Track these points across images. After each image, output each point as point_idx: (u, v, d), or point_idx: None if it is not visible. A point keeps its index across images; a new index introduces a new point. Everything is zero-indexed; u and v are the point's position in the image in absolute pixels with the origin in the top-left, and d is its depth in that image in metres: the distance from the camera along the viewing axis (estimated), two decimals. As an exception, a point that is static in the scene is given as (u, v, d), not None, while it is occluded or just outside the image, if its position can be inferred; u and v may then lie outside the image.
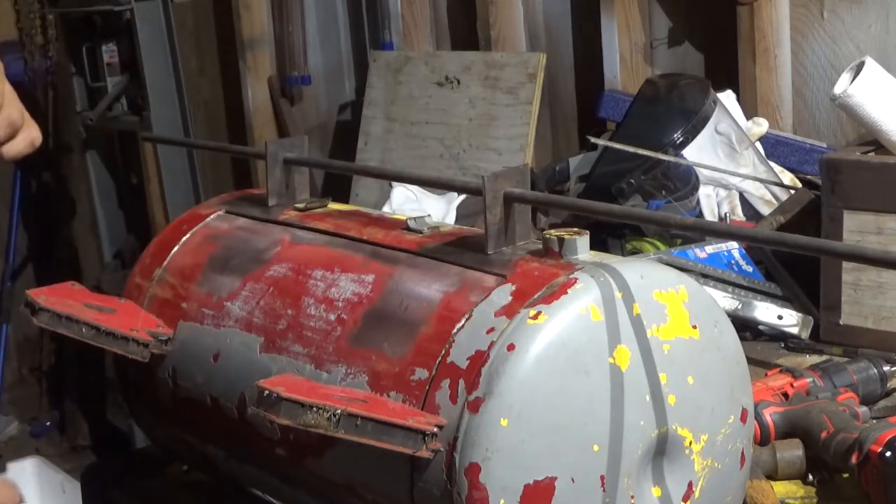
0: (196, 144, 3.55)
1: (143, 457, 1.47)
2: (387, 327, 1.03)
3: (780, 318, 1.57)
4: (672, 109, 1.98)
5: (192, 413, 1.20)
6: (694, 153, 1.98)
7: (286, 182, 1.33)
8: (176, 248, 1.30)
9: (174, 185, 3.50)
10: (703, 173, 1.99)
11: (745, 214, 2.02)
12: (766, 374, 1.40)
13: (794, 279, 1.68)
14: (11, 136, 1.11)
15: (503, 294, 0.98)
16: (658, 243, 1.85)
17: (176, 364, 1.20)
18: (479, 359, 0.93)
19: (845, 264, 1.57)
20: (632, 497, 0.97)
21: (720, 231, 1.54)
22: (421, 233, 1.14)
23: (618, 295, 0.96)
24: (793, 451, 1.24)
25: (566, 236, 1.02)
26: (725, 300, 1.59)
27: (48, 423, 3.97)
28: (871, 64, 1.55)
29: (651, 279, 0.99)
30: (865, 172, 1.55)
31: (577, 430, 0.93)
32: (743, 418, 1.05)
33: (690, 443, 1.00)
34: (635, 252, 1.82)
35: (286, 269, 1.16)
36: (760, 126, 2.17)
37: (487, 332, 0.95)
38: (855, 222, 1.55)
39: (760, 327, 1.60)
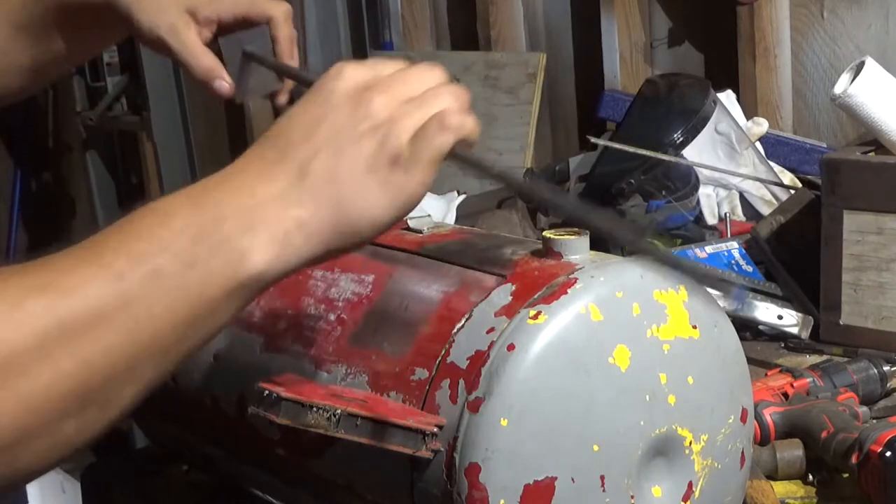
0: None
1: (143, 457, 1.47)
2: (387, 327, 1.03)
3: (780, 318, 1.57)
4: (672, 109, 1.98)
5: (192, 413, 1.20)
6: (694, 153, 1.98)
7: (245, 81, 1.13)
8: (176, 248, 1.30)
9: (174, 185, 3.50)
10: (703, 173, 1.99)
11: (745, 214, 2.02)
12: (766, 374, 1.40)
13: (794, 279, 1.68)
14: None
15: (503, 294, 0.98)
16: (658, 243, 1.85)
17: (176, 364, 1.20)
18: (479, 359, 0.93)
19: (845, 264, 1.57)
20: (632, 497, 0.97)
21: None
22: (421, 233, 1.14)
23: (618, 295, 0.96)
24: (793, 451, 1.24)
25: (566, 236, 1.02)
26: (725, 300, 1.59)
27: (48, 424, 3.96)
28: (871, 64, 1.55)
29: (651, 279, 0.99)
30: (865, 172, 1.55)
31: (577, 430, 0.93)
32: (743, 418, 1.05)
33: (690, 443, 1.00)
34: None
35: (286, 269, 1.16)
36: (760, 126, 2.17)
37: (487, 332, 0.95)
38: (855, 222, 1.55)
39: (760, 327, 1.60)
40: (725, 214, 1.96)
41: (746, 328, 1.58)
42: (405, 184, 0.73)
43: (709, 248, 1.75)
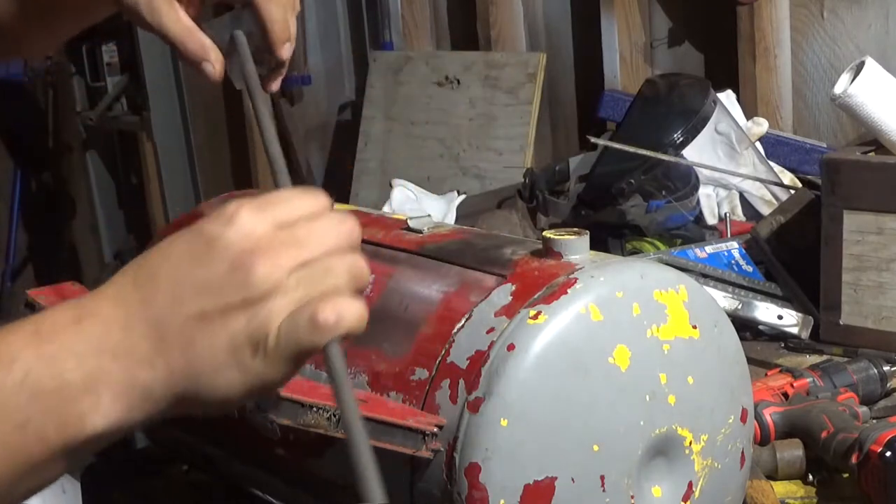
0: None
1: (143, 457, 1.47)
2: (387, 327, 1.03)
3: (780, 318, 1.57)
4: (672, 109, 1.98)
5: (192, 413, 1.20)
6: (694, 153, 1.98)
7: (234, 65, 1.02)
8: (176, 248, 1.30)
9: (174, 185, 3.50)
10: (703, 173, 1.99)
11: (745, 214, 2.02)
12: (766, 374, 1.40)
13: (794, 279, 1.68)
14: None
15: (503, 294, 0.98)
16: (658, 243, 1.85)
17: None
18: (479, 359, 0.93)
19: (845, 264, 1.57)
20: (632, 497, 0.97)
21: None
22: (421, 233, 1.14)
23: (618, 295, 0.96)
24: (793, 451, 1.24)
25: (566, 236, 1.02)
26: (725, 300, 1.59)
27: (48, 424, 3.95)
28: (871, 64, 1.55)
29: (651, 279, 0.99)
30: (865, 172, 1.55)
31: (577, 430, 0.93)
32: (743, 418, 1.05)
33: (690, 443, 1.00)
34: (635, 252, 1.82)
35: (286, 269, 1.16)
36: (760, 126, 2.17)
37: (487, 332, 0.95)
38: (855, 222, 1.55)
39: (760, 327, 1.60)
40: (725, 214, 1.96)
41: (746, 328, 1.58)
42: (264, 373, 0.66)
43: (709, 248, 1.75)
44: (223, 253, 0.65)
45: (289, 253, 0.65)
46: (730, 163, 2.03)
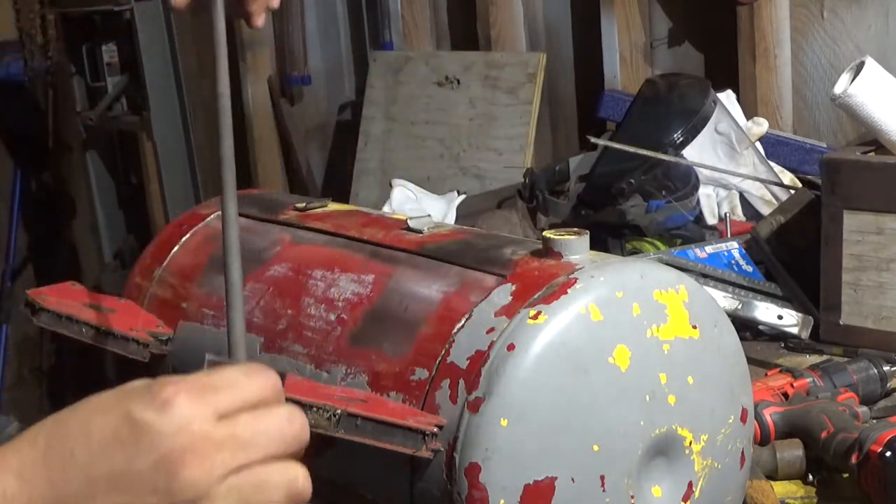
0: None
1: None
2: (387, 327, 1.03)
3: (780, 318, 1.57)
4: (672, 109, 1.98)
5: (192, 413, 1.20)
6: (694, 153, 1.98)
7: None
8: (176, 248, 1.30)
9: (174, 185, 3.50)
10: (703, 173, 1.99)
11: (745, 214, 2.02)
12: (766, 374, 1.40)
13: (794, 279, 1.68)
14: None
15: (503, 294, 0.98)
16: (658, 243, 1.85)
17: (176, 364, 1.20)
18: (479, 359, 0.93)
19: (845, 264, 1.57)
20: (632, 497, 0.97)
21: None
22: (421, 233, 1.14)
23: (618, 295, 0.96)
24: (793, 451, 1.24)
25: (566, 236, 1.02)
26: (725, 300, 1.59)
27: (48, 424, 3.95)
28: (871, 64, 1.55)
29: (651, 279, 0.99)
30: (865, 172, 1.55)
31: (577, 430, 0.93)
32: (743, 418, 1.05)
33: (690, 443, 1.00)
34: (635, 252, 1.82)
35: (286, 269, 1.17)
36: (760, 126, 2.17)
37: (487, 332, 0.95)
38: (855, 222, 1.55)
39: (760, 327, 1.60)
40: (725, 214, 1.96)
41: (746, 328, 1.58)
42: None
43: (709, 248, 1.75)
44: (151, 445, 0.57)
45: (224, 456, 0.58)
46: (730, 163, 2.03)
